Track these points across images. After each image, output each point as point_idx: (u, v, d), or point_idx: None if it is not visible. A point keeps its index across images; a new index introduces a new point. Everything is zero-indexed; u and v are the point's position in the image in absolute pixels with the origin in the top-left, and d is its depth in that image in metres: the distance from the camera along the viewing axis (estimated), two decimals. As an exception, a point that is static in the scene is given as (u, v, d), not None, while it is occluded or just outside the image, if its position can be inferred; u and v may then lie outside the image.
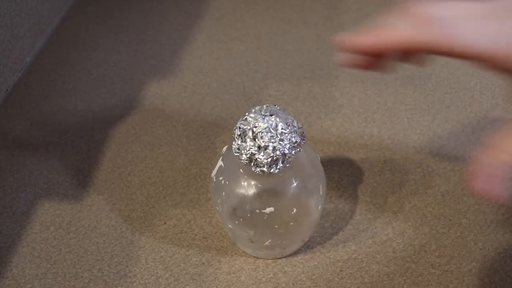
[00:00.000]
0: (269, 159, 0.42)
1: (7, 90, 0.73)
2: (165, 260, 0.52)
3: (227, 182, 0.46)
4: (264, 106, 0.44)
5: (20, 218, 0.56)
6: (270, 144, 0.41)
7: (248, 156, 0.42)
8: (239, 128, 0.43)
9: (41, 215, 0.56)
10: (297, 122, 0.43)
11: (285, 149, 0.42)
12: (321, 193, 0.48)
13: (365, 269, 0.50)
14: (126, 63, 0.76)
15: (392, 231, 0.53)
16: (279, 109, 0.43)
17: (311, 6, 0.86)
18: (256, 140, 0.42)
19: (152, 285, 0.50)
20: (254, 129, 0.42)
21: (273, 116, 0.42)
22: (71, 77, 0.75)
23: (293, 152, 0.42)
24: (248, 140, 0.42)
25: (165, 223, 0.55)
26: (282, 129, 0.42)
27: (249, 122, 0.42)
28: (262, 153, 0.42)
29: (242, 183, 0.45)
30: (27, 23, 0.76)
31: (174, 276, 0.50)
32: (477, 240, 0.51)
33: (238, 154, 0.43)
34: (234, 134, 0.43)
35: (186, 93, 0.71)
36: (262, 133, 0.41)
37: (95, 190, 0.59)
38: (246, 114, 0.43)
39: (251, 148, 0.42)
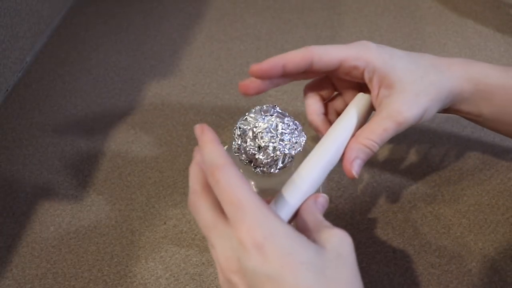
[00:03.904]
0: (269, 159, 0.42)
1: (7, 90, 0.73)
2: (165, 260, 0.51)
3: (227, 182, 0.46)
4: (264, 106, 0.44)
5: (20, 218, 0.56)
6: (270, 144, 0.41)
7: (248, 156, 0.42)
8: (239, 128, 0.43)
9: (41, 215, 0.56)
10: (297, 122, 0.43)
11: (285, 149, 0.42)
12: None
13: (365, 269, 0.50)
14: (126, 63, 0.76)
15: (392, 231, 0.53)
16: (279, 109, 0.43)
17: (311, 6, 0.86)
18: (256, 140, 0.42)
19: (152, 285, 0.49)
20: (254, 129, 0.42)
21: (273, 116, 0.42)
22: (71, 77, 0.75)
23: (293, 152, 0.42)
24: (248, 140, 0.42)
25: (165, 223, 0.55)
26: (282, 129, 0.42)
27: (249, 122, 0.42)
28: (262, 153, 0.41)
29: (242, 183, 0.45)
30: (27, 23, 0.76)
31: (174, 276, 0.50)
32: (477, 240, 0.51)
33: (238, 154, 0.43)
34: (234, 134, 0.43)
35: (186, 93, 0.71)
36: (262, 133, 0.41)
37: (95, 190, 0.59)
38: (246, 114, 0.43)
39: (251, 148, 0.42)
